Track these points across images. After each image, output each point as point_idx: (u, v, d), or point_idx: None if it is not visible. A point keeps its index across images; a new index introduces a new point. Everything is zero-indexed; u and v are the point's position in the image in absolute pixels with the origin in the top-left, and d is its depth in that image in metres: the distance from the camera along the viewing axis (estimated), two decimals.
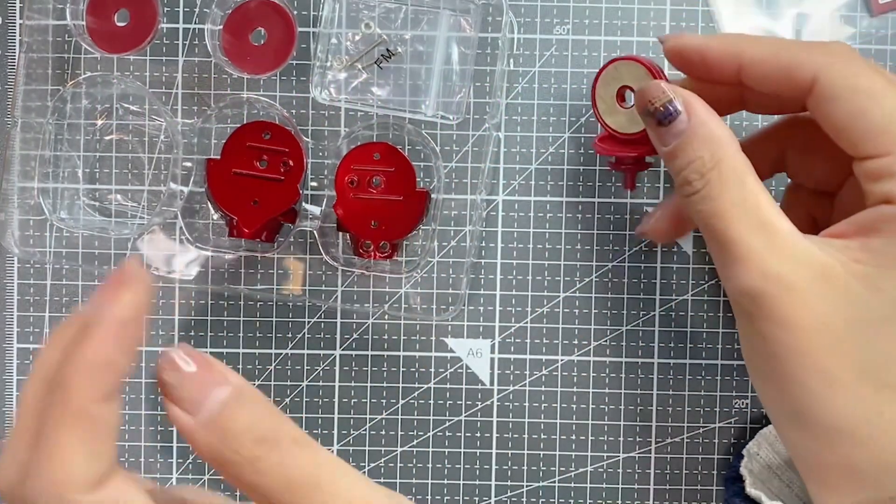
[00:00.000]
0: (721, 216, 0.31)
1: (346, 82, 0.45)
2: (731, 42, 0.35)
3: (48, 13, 0.45)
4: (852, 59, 0.32)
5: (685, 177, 0.33)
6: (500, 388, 0.47)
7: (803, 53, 0.32)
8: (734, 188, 0.32)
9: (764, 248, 0.31)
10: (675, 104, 0.33)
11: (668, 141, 0.34)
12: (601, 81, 0.41)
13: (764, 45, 0.34)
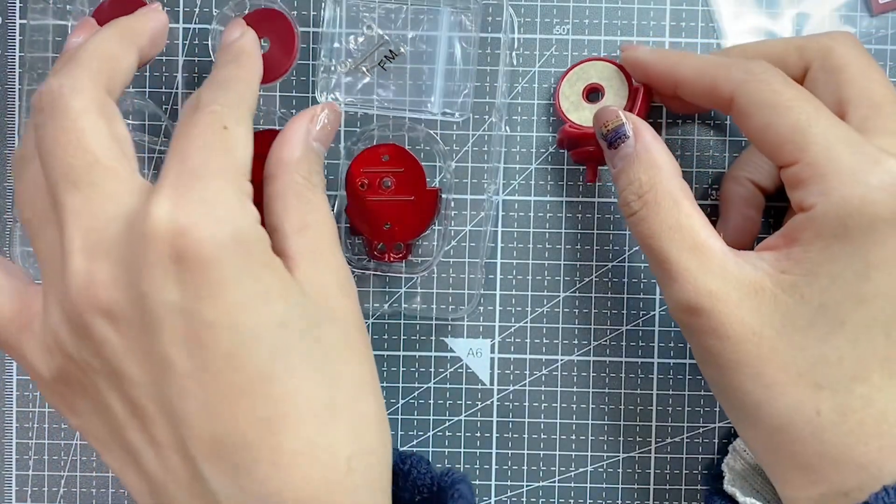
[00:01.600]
0: (657, 237, 0.34)
1: (350, 85, 0.45)
2: (670, 61, 0.38)
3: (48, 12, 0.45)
4: (766, 76, 0.34)
5: (625, 197, 0.35)
6: (500, 388, 0.47)
7: (722, 73, 0.35)
8: (669, 211, 0.34)
9: (697, 267, 0.33)
10: (624, 128, 0.36)
11: (616, 163, 0.36)
12: (567, 81, 0.45)
13: (693, 65, 0.37)
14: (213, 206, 0.29)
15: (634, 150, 0.35)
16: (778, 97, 0.33)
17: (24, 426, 0.48)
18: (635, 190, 0.34)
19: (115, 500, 0.48)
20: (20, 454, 0.48)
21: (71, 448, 0.47)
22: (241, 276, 0.29)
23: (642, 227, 0.34)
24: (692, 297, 0.33)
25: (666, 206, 0.34)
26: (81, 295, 0.29)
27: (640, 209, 0.34)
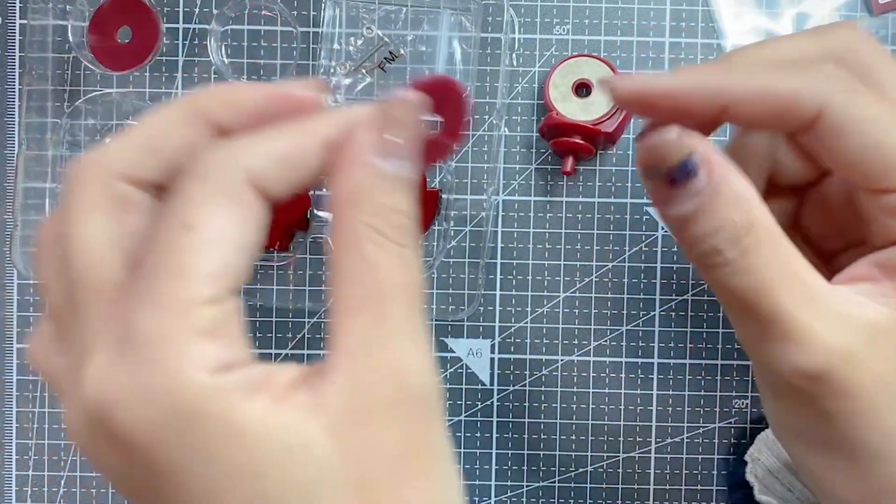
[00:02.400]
0: (766, 290, 0.27)
1: (350, 87, 0.45)
2: (710, 82, 0.28)
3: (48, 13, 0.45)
4: (856, 87, 0.28)
5: (713, 246, 0.27)
6: (500, 388, 0.47)
7: (802, 86, 0.28)
8: (775, 256, 0.27)
9: (821, 322, 0.27)
10: (694, 161, 0.27)
11: (683, 202, 0.27)
12: (559, 71, 0.45)
13: (752, 81, 0.29)
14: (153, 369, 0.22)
15: (710, 183, 0.27)
16: (880, 112, 0.28)
17: (24, 426, 0.47)
18: (729, 235, 0.27)
19: (115, 500, 0.48)
20: (20, 454, 0.47)
21: (71, 448, 0.47)
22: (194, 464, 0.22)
23: (743, 279, 0.27)
24: (820, 361, 0.27)
25: (771, 249, 0.27)
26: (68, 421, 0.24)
27: (739, 258, 0.27)
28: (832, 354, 0.27)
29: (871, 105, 0.28)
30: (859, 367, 0.27)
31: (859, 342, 0.27)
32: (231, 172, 0.24)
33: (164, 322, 0.22)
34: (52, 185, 0.45)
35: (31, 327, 0.47)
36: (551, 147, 0.45)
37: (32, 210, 0.44)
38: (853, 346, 0.27)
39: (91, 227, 0.24)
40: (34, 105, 0.45)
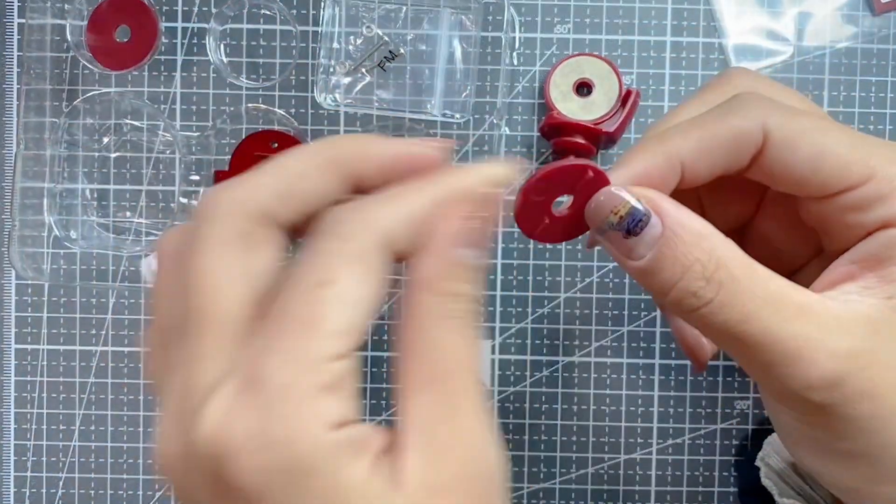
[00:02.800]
0: (755, 317, 0.27)
1: (350, 86, 0.44)
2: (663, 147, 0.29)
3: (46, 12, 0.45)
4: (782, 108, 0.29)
5: (686, 289, 0.27)
6: (500, 390, 0.47)
7: (739, 120, 0.29)
8: (752, 281, 0.27)
9: (817, 332, 0.27)
10: (640, 206, 0.27)
11: (642, 252, 0.27)
12: (560, 70, 0.45)
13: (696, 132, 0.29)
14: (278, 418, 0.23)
15: (665, 227, 0.27)
16: (813, 121, 0.29)
17: (23, 427, 0.47)
18: (698, 274, 0.27)
19: (114, 501, 0.47)
20: (18, 456, 0.47)
21: (69, 449, 0.47)
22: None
23: (727, 314, 0.27)
24: (830, 369, 0.26)
25: (746, 276, 0.27)
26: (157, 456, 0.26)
27: (717, 294, 0.27)
28: (840, 360, 0.26)
29: (802, 119, 0.28)
30: (871, 365, 0.27)
31: (863, 340, 0.27)
32: (369, 235, 0.25)
33: (292, 373, 0.23)
34: (50, 185, 0.45)
35: (29, 328, 0.47)
36: (552, 147, 0.45)
37: (31, 210, 0.44)
38: (858, 345, 0.27)
39: (221, 261, 0.25)
40: (32, 105, 0.44)
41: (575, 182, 0.28)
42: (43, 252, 0.46)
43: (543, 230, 0.29)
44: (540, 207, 0.28)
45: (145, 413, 0.47)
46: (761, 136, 0.28)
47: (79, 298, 0.47)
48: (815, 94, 0.46)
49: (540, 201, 0.28)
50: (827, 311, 0.27)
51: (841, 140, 0.28)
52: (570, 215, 0.28)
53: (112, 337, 0.47)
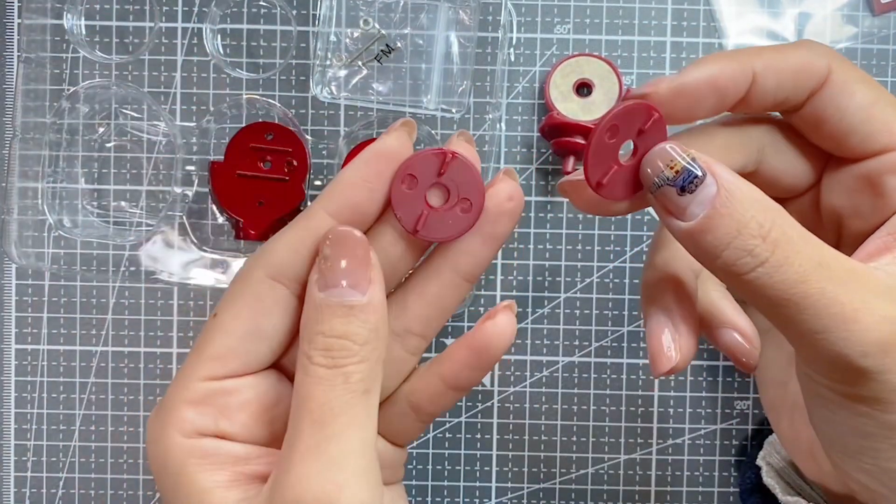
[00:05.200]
0: (811, 279, 0.26)
1: (346, 79, 0.44)
2: (737, 57, 0.30)
3: (46, 13, 0.45)
4: (842, 56, 0.30)
5: (741, 247, 0.26)
6: (500, 390, 0.47)
7: (807, 52, 0.30)
8: (806, 244, 0.27)
9: (871, 294, 0.26)
10: (696, 164, 0.27)
11: (696, 211, 0.27)
12: (560, 70, 0.45)
13: (770, 52, 0.30)
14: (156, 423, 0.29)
15: (720, 187, 0.26)
16: (871, 78, 0.30)
17: (23, 427, 0.47)
18: (754, 233, 0.26)
19: (114, 501, 0.47)
20: (18, 456, 0.47)
21: (69, 450, 0.47)
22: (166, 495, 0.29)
23: (781, 274, 0.26)
24: (885, 331, 0.26)
25: (801, 238, 0.26)
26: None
27: (772, 254, 0.26)
28: (893, 325, 0.26)
29: (861, 72, 0.29)
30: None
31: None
32: (254, 270, 0.29)
33: (173, 389, 0.29)
34: (48, 170, 0.45)
35: (29, 329, 0.47)
36: (552, 147, 0.45)
37: (30, 210, 0.44)
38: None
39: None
40: (31, 105, 0.44)
41: (643, 125, 0.28)
42: (42, 242, 0.46)
43: (611, 180, 0.29)
44: (610, 150, 0.28)
45: (145, 413, 0.47)
46: (825, 72, 0.29)
47: (79, 299, 0.47)
48: None
49: (611, 144, 0.28)
50: (876, 278, 0.27)
51: (891, 99, 0.29)
52: (634, 165, 0.28)
53: (112, 337, 0.47)
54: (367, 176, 0.29)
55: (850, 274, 0.27)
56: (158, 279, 0.45)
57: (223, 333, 0.29)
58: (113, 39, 0.46)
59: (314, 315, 0.28)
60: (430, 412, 0.32)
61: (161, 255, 0.45)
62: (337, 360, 0.27)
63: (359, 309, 0.27)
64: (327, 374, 0.27)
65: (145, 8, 0.46)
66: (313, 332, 0.27)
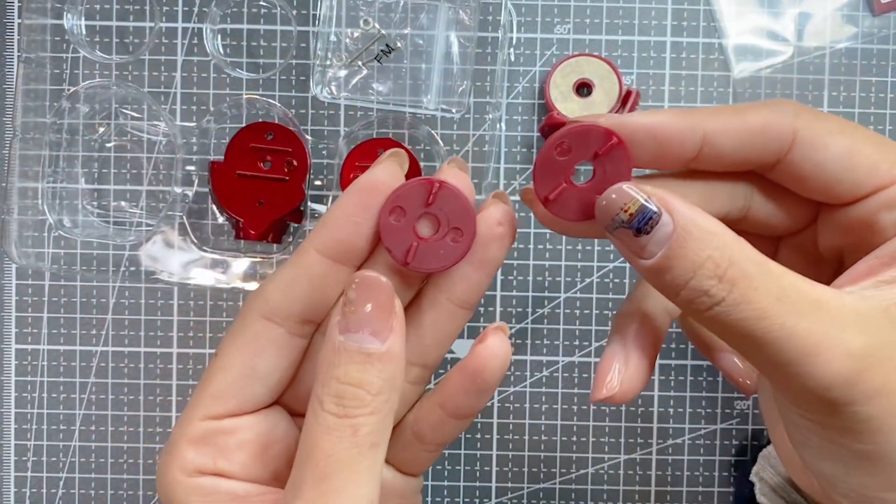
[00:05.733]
0: (770, 314, 0.26)
1: (346, 79, 0.44)
2: (688, 115, 0.29)
3: (46, 12, 0.45)
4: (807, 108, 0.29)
5: (697, 287, 0.26)
6: (500, 390, 0.47)
7: (771, 113, 0.29)
8: (766, 277, 0.26)
9: (834, 326, 0.26)
10: (651, 204, 0.26)
11: (653, 251, 0.27)
12: (560, 70, 0.44)
13: (728, 113, 0.29)
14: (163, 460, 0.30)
15: (676, 225, 0.26)
16: (840, 123, 0.29)
17: (23, 427, 0.47)
18: (710, 272, 0.26)
19: (114, 501, 0.47)
20: (18, 456, 0.47)
21: (69, 450, 0.47)
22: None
23: (742, 312, 0.26)
24: (845, 365, 0.26)
25: (760, 272, 0.26)
26: None
27: (730, 292, 0.26)
28: (857, 356, 0.26)
29: (830, 120, 0.28)
30: (887, 361, 0.26)
31: (880, 335, 0.26)
32: (250, 311, 0.30)
33: (177, 428, 0.30)
34: (49, 184, 0.45)
35: (29, 328, 0.47)
36: None
37: (30, 210, 0.44)
38: (875, 340, 0.26)
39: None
40: (31, 105, 0.44)
41: (599, 148, 0.27)
42: (42, 242, 0.46)
43: (560, 197, 0.28)
44: (561, 168, 0.28)
45: (145, 413, 0.47)
46: (791, 131, 0.28)
47: (79, 299, 0.47)
48: (815, 94, 0.46)
49: (562, 161, 0.28)
50: (843, 305, 0.26)
51: (868, 139, 0.28)
52: (588, 188, 0.28)
53: (112, 337, 0.47)
54: (352, 211, 0.29)
55: (814, 305, 0.26)
56: (158, 279, 0.45)
57: (221, 373, 0.29)
58: (113, 39, 0.46)
59: (332, 357, 0.27)
60: (435, 441, 0.32)
61: (161, 255, 0.45)
62: (348, 409, 0.27)
63: (377, 357, 0.27)
64: (336, 424, 0.27)
65: (145, 8, 0.46)
66: (328, 376, 0.27)
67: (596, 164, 0.28)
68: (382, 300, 0.27)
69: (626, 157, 0.28)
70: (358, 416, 0.27)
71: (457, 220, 0.29)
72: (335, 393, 0.27)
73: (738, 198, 0.31)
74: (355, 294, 0.27)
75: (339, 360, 0.27)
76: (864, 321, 0.26)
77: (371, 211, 0.29)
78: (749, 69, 0.46)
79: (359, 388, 0.27)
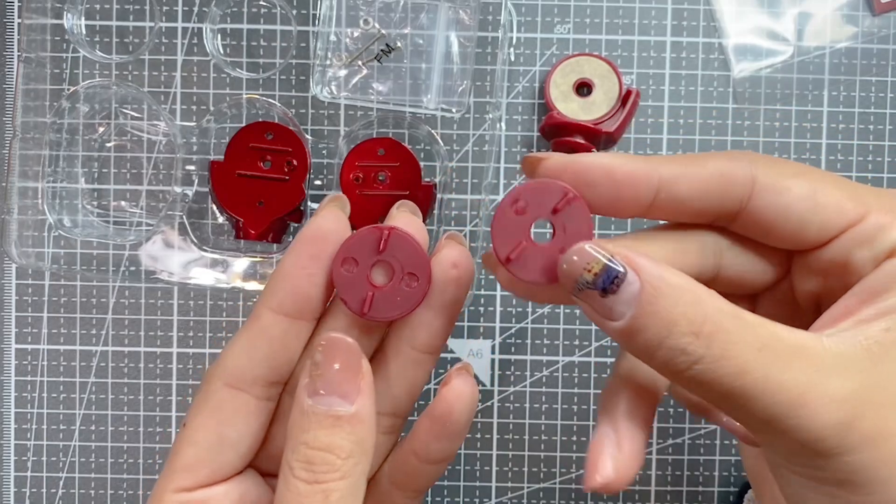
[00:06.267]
0: (751, 369, 0.25)
1: (346, 79, 0.44)
2: (645, 161, 0.28)
3: (46, 12, 0.45)
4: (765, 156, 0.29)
5: (674, 346, 0.25)
6: (500, 389, 0.47)
7: (725, 159, 0.28)
8: (743, 331, 0.25)
9: (815, 374, 0.25)
10: (615, 263, 0.25)
11: (622, 312, 0.25)
12: (560, 70, 0.45)
13: (685, 160, 0.28)
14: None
15: (643, 283, 0.25)
16: (800, 165, 0.28)
17: (23, 427, 0.47)
18: (685, 329, 0.25)
19: (114, 501, 0.47)
20: (18, 456, 0.47)
21: (69, 449, 0.47)
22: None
23: (719, 369, 0.25)
24: (834, 414, 0.25)
25: (736, 326, 0.25)
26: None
27: (707, 350, 0.25)
28: (845, 403, 0.25)
29: (788, 165, 0.28)
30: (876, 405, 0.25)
31: (864, 376, 0.25)
32: (213, 379, 0.29)
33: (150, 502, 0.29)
34: (48, 184, 0.45)
35: (29, 328, 0.47)
36: (552, 147, 0.45)
37: (30, 210, 0.44)
38: (861, 383, 0.25)
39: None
40: (31, 104, 0.44)
41: (556, 203, 0.27)
42: (42, 242, 0.46)
43: (521, 256, 0.27)
44: (519, 226, 0.27)
45: (145, 413, 0.47)
46: (750, 178, 0.28)
47: (79, 298, 0.47)
48: (815, 94, 0.46)
49: (519, 219, 0.27)
50: (824, 350, 0.26)
51: (828, 180, 0.28)
52: (550, 247, 0.27)
53: (112, 337, 0.47)
54: (302, 263, 0.28)
55: (796, 352, 0.25)
56: (158, 279, 0.45)
57: (190, 445, 0.29)
58: (113, 39, 0.46)
59: (300, 422, 0.27)
60: (413, 489, 0.31)
61: (161, 255, 0.45)
62: (318, 475, 0.27)
63: (345, 420, 0.27)
64: (307, 491, 0.27)
65: (145, 8, 0.46)
66: (297, 441, 0.27)
67: (555, 221, 0.27)
68: (350, 361, 0.27)
69: (584, 211, 0.27)
70: (328, 482, 0.27)
71: (410, 265, 0.28)
72: (304, 459, 0.27)
73: (708, 253, 0.29)
74: (322, 356, 0.27)
75: (308, 425, 0.27)
76: (847, 364, 0.26)
77: (322, 260, 0.28)
78: (749, 69, 0.46)
79: (328, 452, 0.27)
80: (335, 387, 0.27)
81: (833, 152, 0.46)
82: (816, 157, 0.47)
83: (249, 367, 0.29)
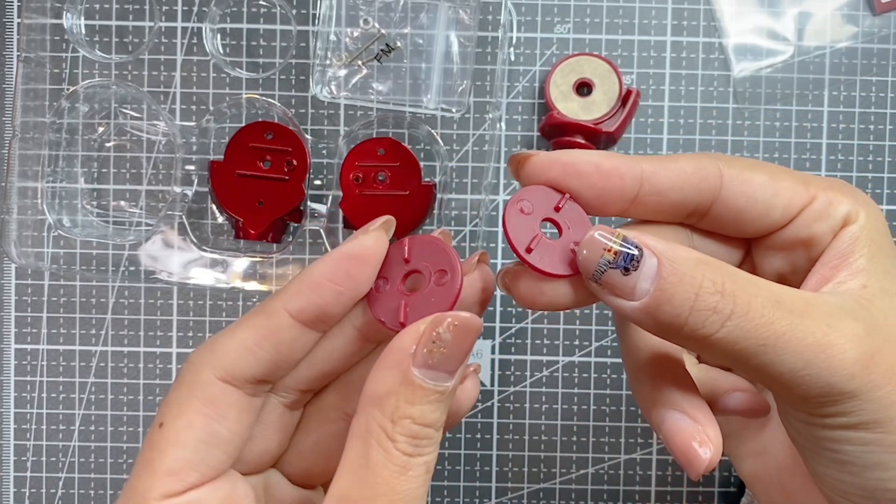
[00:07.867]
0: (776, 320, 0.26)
1: (346, 79, 0.44)
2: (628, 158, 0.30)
3: (45, 12, 0.45)
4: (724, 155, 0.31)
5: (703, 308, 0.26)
6: (500, 390, 0.47)
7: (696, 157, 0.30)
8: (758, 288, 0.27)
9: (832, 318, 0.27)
10: (629, 243, 0.27)
11: (645, 288, 0.26)
12: (560, 70, 0.45)
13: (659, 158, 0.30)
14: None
15: (660, 259, 0.26)
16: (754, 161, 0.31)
17: (23, 427, 0.47)
18: (710, 290, 0.26)
19: (114, 501, 0.47)
20: (18, 456, 0.47)
21: (69, 450, 0.47)
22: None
23: (750, 321, 0.26)
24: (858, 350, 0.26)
25: (752, 283, 0.26)
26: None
27: (735, 305, 0.26)
28: (865, 338, 0.26)
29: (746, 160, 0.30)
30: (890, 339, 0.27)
31: (870, 320, 0.27)
32: (201, 371, 0.28)
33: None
34: (48, 184, 0.45)
35: (29, 328, 0.47)
36: (552, 146, 0.45)
37: (30, 210, 0.44)
38: (870, 324, 0.27)
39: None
40: (31, 104, 0.44)
41: (558, 203, 0.28)
42: (41, 242, 0.46)
43: (538, 247, 0.28)
44: (528, 224, 0.28)
45: (145, 413, 0.47)
46: (718, 171, 0.30)
47: (79, 298, 0.47)
48: (815, 94, 0.46)
49: (527, 218, 0.28)
50: (828, 303, 0.27)
51: (778, 169, 0.30)
52: (563, 239, 0.28)
53: (112, 337, 0.47)
54: (336, 278, 0.28)
55: (807, 303, 0.27)
56: (158, 279, 0.45)
57: (175, 446, 0.27)
58: (113, 39, 0.46)
59: (407, 393, 0.26)
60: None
61: (161, 255, 0.45)
62: (421, 448, 0.26)
63: (446, 395, 0.27)
64: (411, 464, 0.26)
65: (145, 8, 0.46)
66: (402, 413, 0.26)
67: (558, 219, 0.28)
68: (472, 344, 0.27)
69: (581, 209, 0.29)
70: (427, 455, 0.27)
71: (438, 262, 0.28)
72: (410, 433, 0.26)
73: (682, 241, 0.31)
74: (451, 336, 0.26)
75: (416, 398, 0.26)
76: (849, 312, 0.27)
77: (355, 280, 0.28)
78: (749, 69, 0.46)
79: (431, 427, 0.26)
80: (447, 364, 0.26)
81: (833, 152, 0.46)
82: (816, 157, 0.47)
83: (250, 364, 0.28)
